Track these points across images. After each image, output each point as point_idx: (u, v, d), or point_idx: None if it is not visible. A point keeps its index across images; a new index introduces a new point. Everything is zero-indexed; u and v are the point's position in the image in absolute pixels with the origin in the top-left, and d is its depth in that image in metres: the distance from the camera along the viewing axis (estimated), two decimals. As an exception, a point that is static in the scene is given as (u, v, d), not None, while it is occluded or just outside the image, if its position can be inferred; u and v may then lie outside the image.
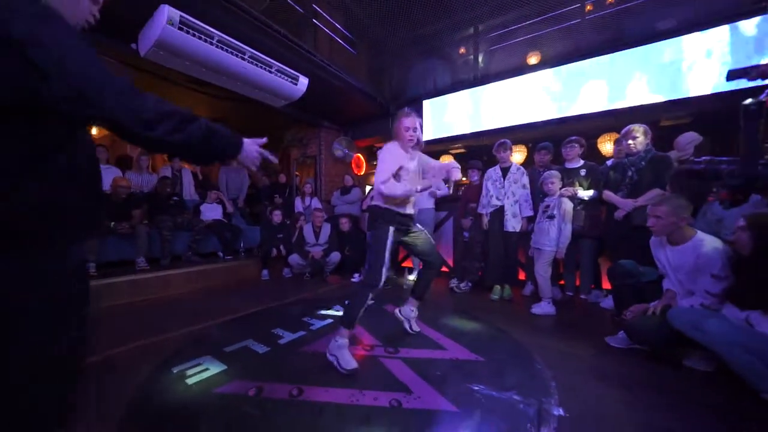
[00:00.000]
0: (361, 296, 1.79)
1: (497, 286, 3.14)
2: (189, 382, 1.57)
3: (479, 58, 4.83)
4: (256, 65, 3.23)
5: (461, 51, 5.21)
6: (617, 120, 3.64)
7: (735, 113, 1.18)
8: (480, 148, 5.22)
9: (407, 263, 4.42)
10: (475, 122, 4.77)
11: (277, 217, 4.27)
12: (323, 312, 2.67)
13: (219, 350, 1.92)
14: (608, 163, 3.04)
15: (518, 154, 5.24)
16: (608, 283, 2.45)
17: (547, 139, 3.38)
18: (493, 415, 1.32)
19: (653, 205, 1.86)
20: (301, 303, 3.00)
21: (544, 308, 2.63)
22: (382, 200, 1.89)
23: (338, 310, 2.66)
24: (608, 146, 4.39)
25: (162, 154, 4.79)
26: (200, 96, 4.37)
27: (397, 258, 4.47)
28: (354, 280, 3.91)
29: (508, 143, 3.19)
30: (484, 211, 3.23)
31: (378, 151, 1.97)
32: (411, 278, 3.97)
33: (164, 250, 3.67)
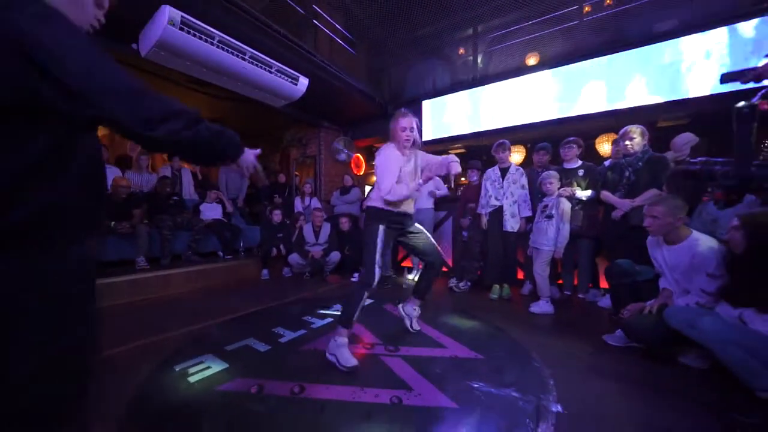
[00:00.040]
0: (357, 295, 1.81)
1: (496, 286, 3.16)
2: (191, 380, 1.59)
3: (478, 59, 4.86)
4: (257, 65, 3.25)
5: (460, 51, 5.24)
6: (617, 120, 3.65)
7: (732, 115, 1.20)
8: (479, 149, 5.25)
9: (406, 263, 4.44)
10: (475, 123, 4.79)
11: (277, 217, 4.28)
12: (323, 311, 2.69)
13: (220, 349, 1.94)
14: (606, 164, 3.07)
15: (517, 155, 5.28)
16: (606, 283, 2.48)
17: (546, 140, 3.40)
18: (493, 412, 1.34)
19: (650, 205, 1.88)
20: (301, 302, 3.02)
21: (543, 307, 2.65)
22: (378, 201, 1.90)
23: (338, 310, 2.66)
24: (606, 147, 4.43)
25: (164, 154, 4.81)
26: (200, 96, 4.39)
27: (397, 258, 4.48)
28: (354, 280, 3.93)
29: (507, 144, 3.21)
30: (483, 211, 3.25)
31: (376, 153, 1.98)
32: (410, 278, 3.99)
33: (164, 250, 3.68)
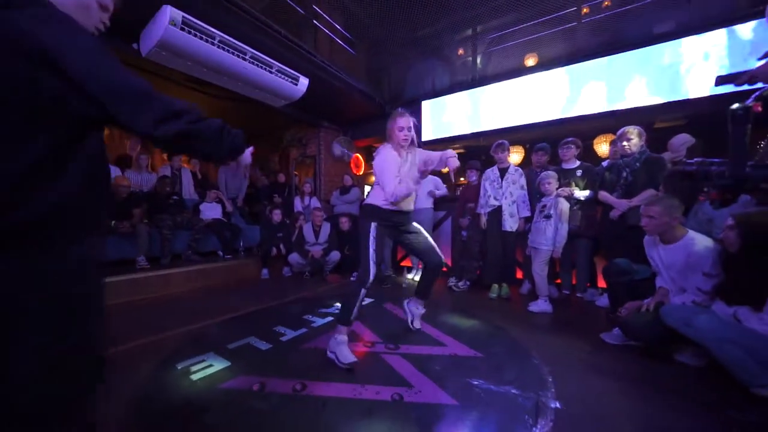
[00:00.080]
0: (354, 293, 1.83)
1: (495, 285, 3.19)
2: (194, 378, 1.60)
3: (477, 60, 4.88)
4: (257, 65, 3.26)
5: (459, 52, 5.26)
6: (617, 121, 3.63)
7: (726, 116, 1.22)
8: (478, 149, 5.26)
9: (406, 262, 4.46)
10: (474, 123, 4.82)
11: (277, 217, 4.29)
12: (324, 310, 2.70)
13: (222, 347, 1.95)
14: (604, 164, 3.09)
15: (516, 155, 5.30)
16: (603, 282, 2.51)
17: (545, 140, 3.42)
18: (492, 408, 1.36)
19: (646, 205, 1.91)
20: (301, 301, 3.03)
21: (541, 306, 2.68)
22: (374, 199, 1.94)
23: (338, 309, 2.69)
24: (604, 147, 4.46)
25: (171, 151, 4.81)
26: (200, 96, 4.39)
27: (396, 257, 4.50)
28: (353, 279, 3.94)
29: (506, 144, 3.24)
30: (482, 211, 3.27)
31: (374, 154, 2.00)
32: (410, 277, 4.01)
33: (164, 249, 3.68)
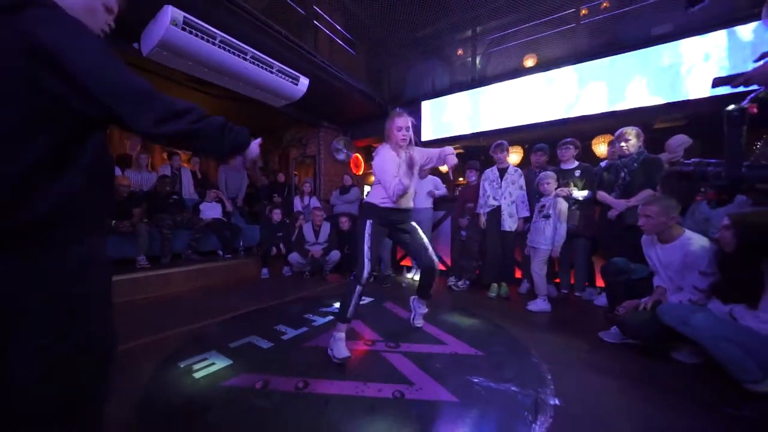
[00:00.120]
0: (350, 290, 1.88)
1: (494, 284, 3.21)
2: (196, 376, 1.61)
3: (477, 61, 4.91)
4: (258, 66, 3.27)
5: (459, 53, 5.28)
6: (617, 121, 3.63)
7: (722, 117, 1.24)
8: (477, 149, 5.29)
9: (406, 262, 4.48)
10: (473, 123, 4.84)
11: (277, 216, 4.30)
12: (324, 309, 2.71)
13: (224, 346, 1.96)
14: (602, 165, 3.12)
15: (515, 155, 5.33)
16: (602, 281, 2.54)
17: (544, 141, 3.45)
18: (493, 406, 1.38)
19: (644, 205, 1.94)
20: (302, 301, 3.04)
21: (540, 305, 2.70)
22: (372, 198, 1.97)
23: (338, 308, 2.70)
24: (602, 148, 4.50)
25: (167, 150, 4.82)
26: (201, 95, 4.39)
27: (396, 256, 4.52)
28: (352, 278, 3.95)
29: (505, 144, 3.26)
30: (482, 211, 3.29)
31: (373, 154, 2.02)
32: (409, 276, 4.03)
33: (164, 249, 3.69)
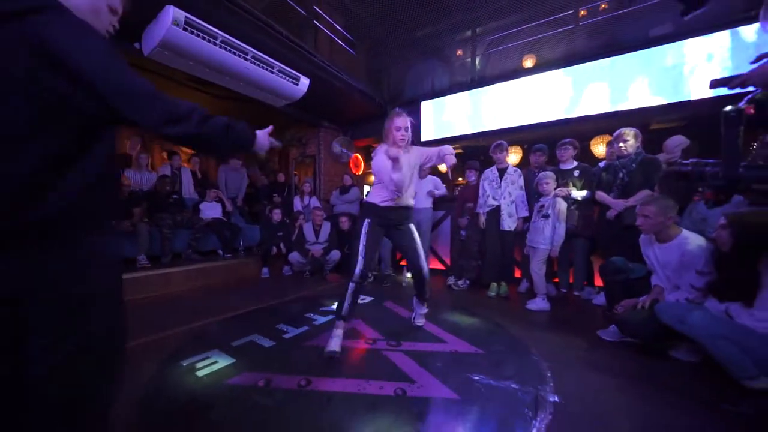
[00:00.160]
0: (345, 288, 1.89)
1: (494, 284, 3.23)
2: (199, 374, 1.63)
3: (476, 61, 4.93)
4: (259, 66, 3.28)
5: (458, 53, 5.30)
6: (619, 121, 3.60)
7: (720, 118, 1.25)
8: (477, 149, 5.31)
9: (405, 262, 4.49)
10: (473, 124, 4.86)
11: (277, 216, 4.31)
12: (325, 308, 2.73)
13: (226, 344, 1.97)
14: (601, 165, 3.14)
15: (514, 155, 5.35)
16: (600, 281, 2.56)
17: (543, 141, 3.47)
18: (493, 403, 1.40)
19: (642, 205, 1.96)
20: (302, 300, 3.05)
21: (539, 304, 2.72)
22: (371, 197, 2.00)
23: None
24: (601, 148, 4.52)
25: (171, 150, 4.83)
26: (201, 95, 4.40)
27: (396, 256, 4.53)
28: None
29: (505, 144, 3.29)
30: (481, 211, 3.31)
31: (372, 153, 2.04)
32: (409, 276, 4.04)
33: (165, 248, 3.69)
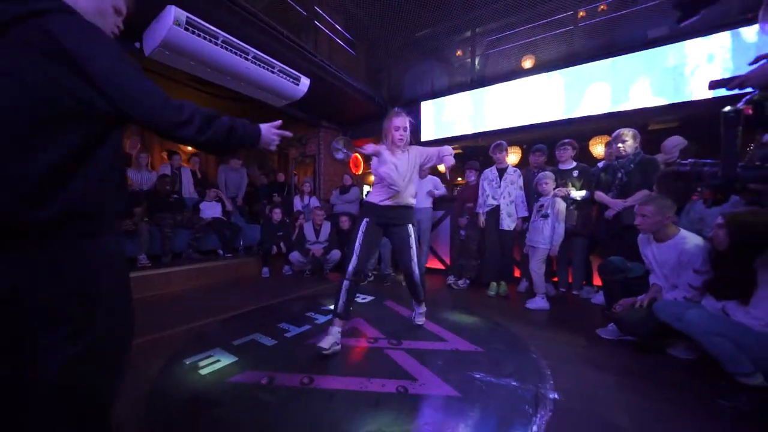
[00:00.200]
0: (339, 286, 1.92)
1: (493, 283, 3.24)
2: (202, 373, 1.64)
3: (476, 62, 4.95)
4: (259, 65, 3.29)
5: (458, 53, 5.32)
6: (620, 122, 3.64)
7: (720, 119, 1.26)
8: (476, 149, 5.33)
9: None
10: (472, 124, 4.88)
11: (277, 216, 4.32)
12: (326, 307, 2.74)
13: (228, 343, 1.98)
14: (599, 165, 3.17)
15: (513, 155, 5.37)
16: (599, 280, 2.58)
17: (542, 141, 3.49)
18: (494, 400, 1.41)
19: (640, 205, 1.98)
20: (303, 299, 3.06)
21: (539, 303, 2.74)
22: (370, 197, 2.02)
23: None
24: (600, 149, 4.54)
25: (171, 149, 4.84)
26: (202, 95, 4.39)
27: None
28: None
29: (504, 145, 3.30)
30: (481, 210, 3.33)
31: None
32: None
33: (165, 248, 3.70)
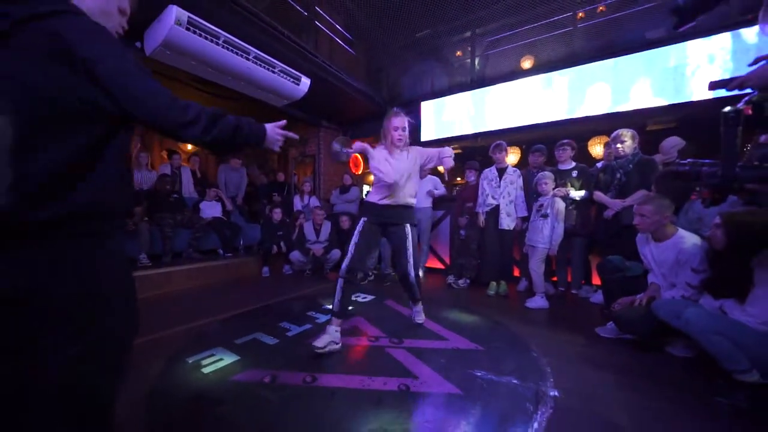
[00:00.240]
0: (336, 285, 1.93)
1: (493, 282, 3.26)
2: (205, 371, 1.64)
3: (476, 62, 4.96)
4: (260, 65, 3.29)
5: (458, 54, 5.34)
6: (622, 122, 3.63)
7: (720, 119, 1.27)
8: (476, 149, 5.35)
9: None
10: (472, 124, 4.90)
11: (278, 215, 4.32)
12: (327, 307, 2.75)
13: (230, 342, 1.99)
14: (598, 166, 3.19)
15: (512, 155, 5.40)
16: (598, 279, 2.60)
17: (542, 141, 3.51)
18: (496, 397, 1.43)
19: (639, 204, 2.00)
20: (303, 299, 3.07)
21: (538, 302, 2.76)
22: (369, 196, 2.04)
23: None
24: (598, 149, 4.57)
25: (171, 149, 4.84)
26: (202, 95, 4.39)
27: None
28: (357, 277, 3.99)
29: (504, 145, 3.32)
30: (481, 210, 3.35)
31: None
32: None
33: (165, 247, 3.69)
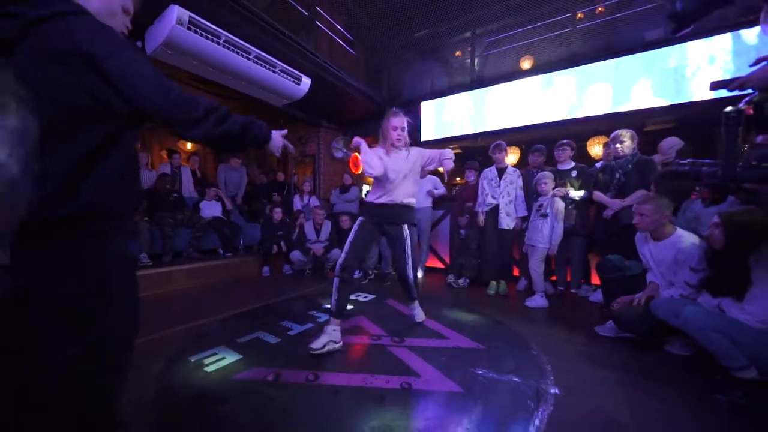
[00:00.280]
0: (333, 284, 1.94)
1: (493, 282, 3.28)
2: (208, 370, 1.65)
3: (475, 62, 4.98)
4: (261, 65, 3.30)
5: (457, 54, 5.36)
6: (617, 123, 3.68)
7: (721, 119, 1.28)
8: (476, 149, 5.37)
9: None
10: (472, 124, 4.92)
11: (278, 215, 4.33)
12: (327, 306, 2.75)
13: (232, 341, 2.00)
14: (597, 166, 3.20)
15: (512, 156, 5.42)
16: (597, 278, 2.62)
17: (542, 142, 3.52)
18: (497, 395, 1.45)
19: (638, 204, 2.02)
20: (304, 298, 3.08)
21: (538, 301, 2.78)
22: (368, 196, 2.06)
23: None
24: (597, 149, 4.60)
25: (171, 148, 4.83)
26: (203, 94, 4.39)
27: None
28: (354, 276, 4.00)
29: (503, 145, 3.34)
30: (481, 210, 3.36)
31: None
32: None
33: (166, 247, 3.70)
